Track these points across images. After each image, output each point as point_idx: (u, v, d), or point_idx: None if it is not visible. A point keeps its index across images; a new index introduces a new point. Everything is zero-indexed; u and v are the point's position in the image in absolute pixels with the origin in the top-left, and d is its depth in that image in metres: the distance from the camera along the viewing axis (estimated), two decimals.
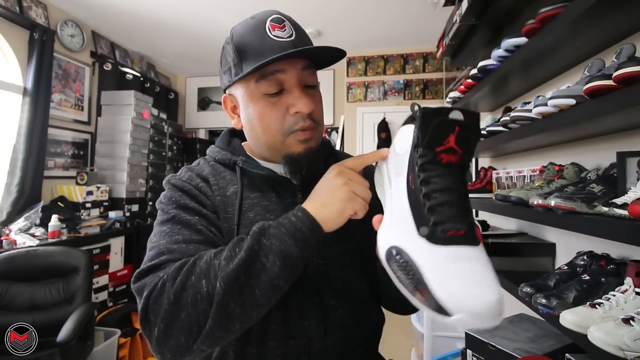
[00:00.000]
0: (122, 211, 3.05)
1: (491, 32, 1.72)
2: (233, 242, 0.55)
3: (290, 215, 0.55)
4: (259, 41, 0.62)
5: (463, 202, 0.43)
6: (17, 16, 2.49)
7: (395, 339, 2.67)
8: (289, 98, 0.64)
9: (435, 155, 0.43)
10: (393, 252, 0.45)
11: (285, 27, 0.64)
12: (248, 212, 0.66)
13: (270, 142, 0.67)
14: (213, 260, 0.52)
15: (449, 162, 0.43)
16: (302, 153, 0.66)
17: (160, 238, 0.59)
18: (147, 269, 0.55)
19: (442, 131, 0.43)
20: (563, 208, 0.89)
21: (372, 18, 3.11)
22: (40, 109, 2.57)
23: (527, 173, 1.55)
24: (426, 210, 0.43)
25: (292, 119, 0.64)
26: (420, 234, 0.42)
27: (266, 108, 0.65)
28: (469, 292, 0.38)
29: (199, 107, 4.58)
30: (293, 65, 0.63)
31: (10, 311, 1.83)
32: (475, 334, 1.31)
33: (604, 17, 0.88)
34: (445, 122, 0.43)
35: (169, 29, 3.30)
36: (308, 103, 0.63)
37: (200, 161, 0.76)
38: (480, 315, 0.38)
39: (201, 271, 0.51)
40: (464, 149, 0.43)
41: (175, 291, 0.50)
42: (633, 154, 0.90)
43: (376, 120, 3.83)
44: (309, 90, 0.67)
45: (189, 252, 0.56)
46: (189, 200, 0.65)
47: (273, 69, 0.62)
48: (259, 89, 0.64)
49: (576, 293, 0.91)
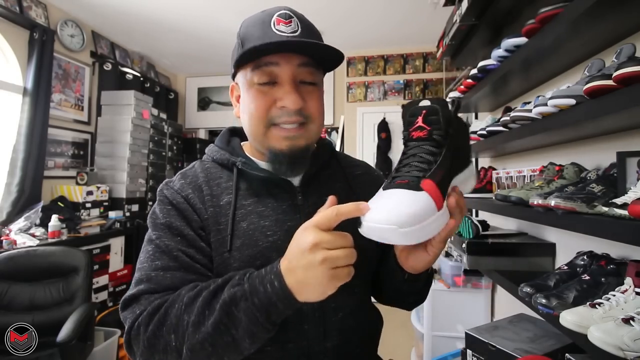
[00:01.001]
0: (122, 211, 3.05)
1: (491, 32, 1.72)
2: (205, 298, 0.54)
3: (267, 282, 0.51)
4: (260, 32, 0.63)
5: (422, 164, 0.53)
6: (17, 16, 2.49)
7: (395, 339, 2.67)
8: (279, 91, 0.64)
9: (409, 133, 0.56)
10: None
11: (291, 23, 0.63)
12: (242, 221, 0.65)
13: (254, 132, 0.67)
14: (183, 316, 0.54)
15: (418, 137, 0.54)
16: (284, 150, 0.65)
17: (144, 260, 0.63)
18: (128, 299, 0.60)
19: (413, 115, 0.55)
20: (563, 208, 0.89)
21: (372, 18, 3.12)
22: (40, 109, 2.57)
23: (527, 173, 1.55)
24: (392, 171, 0.56)
25: (278, 112, 0.64)
26: (382, 188, 0.55)
27: (256, 96, 0.65)
28: (373, 208, 0.50)
29: (199, 107, 4.58)
30: (289, 59, 0.63)
31: (10, 311, 1.82)
32: (475, 334, 1.31)
33: (604, 17, 0.88)
34: (415, 109, 0.56)
35: (169, 29, 3.30)
36: (296, 100, 0.63)
37: (196, 164, 0.74)
38: (372, 228, 0.49)
39: (171, 325, 0.54)
40: (432, 126, 0.54)
41: (148, 338, 0.55)
42: (633, 154, 0.90)
43: (376, 120, 3.83)
44: (305, 86, 0.66)
45: (165, 282, 0.60)
46: (174, 217, 0.65)
47: (267, 60, 0.63)
48: (253, 78, 0.65)
49: (576, 293, 0.91)
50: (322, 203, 0.71)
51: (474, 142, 1.75)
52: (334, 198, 0.54)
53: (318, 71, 0.67)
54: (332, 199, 0.54)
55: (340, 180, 0.77)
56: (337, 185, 0.75)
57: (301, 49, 0.63)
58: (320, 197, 0.71)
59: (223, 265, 0.63)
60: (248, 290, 0.52)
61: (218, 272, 0.63)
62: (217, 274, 0.63)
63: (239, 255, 0.63)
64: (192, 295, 0.55)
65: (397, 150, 3.76)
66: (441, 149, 0.53)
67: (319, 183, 0.73)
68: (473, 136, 1.74)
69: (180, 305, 0.55)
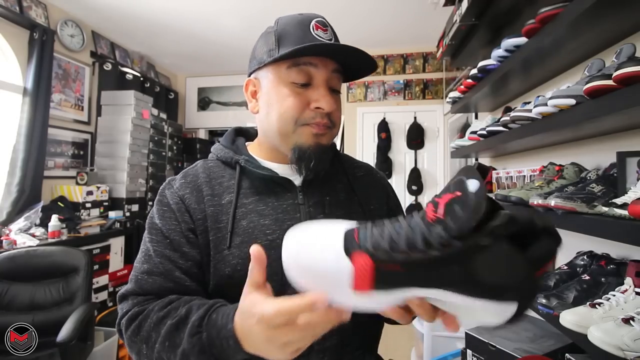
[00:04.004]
0: (122, 211, 3.05)
1: (491, 32, 1.72)
2: (167, 330, 0.56)
3: (222, 338, 0.51)
4: (301, 33, 0.65)
5: (391, 241, 0.42)
6: (17, 16, 2.49)
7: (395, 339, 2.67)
8: (314, 93, 0.66)
9: (436, 200, 0.44)
10: None
11: (328, 31, 0.67)
12: (242, 220, 0.67)
13: (282, 129, 0.68)
14: (151, 332, 0.59)
15: (425, 213, 0.43)
16: (312, 146, 0.67)
17: (137, 260, 0.68)
18: (120, 296, 0.66)
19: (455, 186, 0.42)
20: (563, 208, 0.89)
21: (372, 18, 3.11)
22: (40, 109, 2.57)
23: (527, 173, 1.55)
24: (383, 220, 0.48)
25: (311, 113, 0.66)
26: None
27: (290, 95, 0.66)
28: (298, 230, 0.46)
29: (199, 107, 4.58)
30: (325, 64, 0.66)
31: (10, 311, 1.82)
32: (475, 334, 1.31)
33: (604, 17, 0.88)
34: (459, 182, 0.41)
35: (169, 29, 3.30)
36: (331, 102, 0.66)
37: (199, 164, 0.75)
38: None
39: (143, 337, 0.59)
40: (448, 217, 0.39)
41: (128, 338, 0.61)
42: (633, 154, 0.90)
43: (376, 120, 3.83)
44: (333, 93, 0.68)
45: (146, 286, 0.64)
46: (167, 219, 0.68)
47: (307, 60, 0.65)
48: (289, 75, 0.66)
49: (576, 293, 0.91)
50: (323, 203, 0.72)
51: (473, 142, 1.74)
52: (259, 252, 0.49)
53: (341, 80, 0.71)
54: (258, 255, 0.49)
55: (341, 181, 0.77)
56: (338, 185, 0.76)
57: (343, 54, 0.66)
58: (322, 197, 0.72)
59: (223, 262, 0.65)
60: (206, 342, 0.53)
61: (217, 268, 0.65)
62: (216, 270, 0.65)
63: (238, 252, 0.65)
64: (160, 317, 0.59)
65: (397, 150, 3.76)
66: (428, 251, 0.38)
67: (320, 183, 0.73)
68: (473, 136, 1.74)
69: (150, 323, 0.59)
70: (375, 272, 0.40)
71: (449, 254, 0.38)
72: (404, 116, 3.78)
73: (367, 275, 0.40)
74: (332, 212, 0.71)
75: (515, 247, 0.37)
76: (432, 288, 0.40)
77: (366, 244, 0.41)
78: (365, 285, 0.40)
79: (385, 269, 0.40)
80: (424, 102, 3.79)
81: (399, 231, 0.40)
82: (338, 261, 0.41)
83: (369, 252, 0.40)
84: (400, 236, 0.40)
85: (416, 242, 0.39)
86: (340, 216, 0.73)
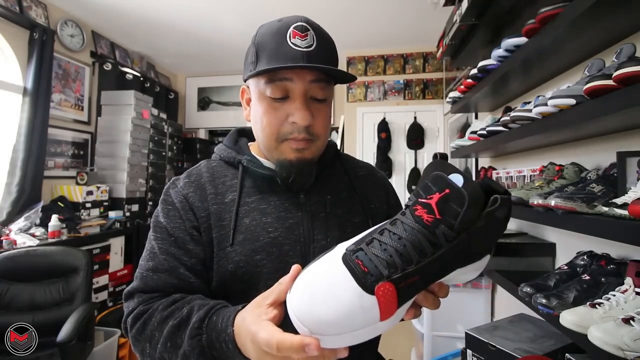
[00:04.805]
0: (122, 211, 3.05)
1: (491, 32, 1.72)
2: (169, 331, 0.57)
3: (222, 342, 0.52)
4: (275, 45, 0.63)
5: (399, 259, 0.42)
6: (17, 16, 2.49)
7: (395, 339, 2.67)
8: (290, 107, 0.65)
9: (414, 202, 0.46)
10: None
11: (307, 36, 0.64)
12: (245, 218, 0.68)
13: (265, 144, 0.69)
14: (155, 332, 0.60)
15: (419, 218, 0.44)
16: (293, 161, 0.67)
17: (143, 257, 0.69)
18: (127, 294, 0.66)
19: (434, 184, 0.44)
20: (563, 208, 0.89)
21: (372, 18, 3.11)
22: (40, 109, 2.57)
23: (527, 173, 1.55)
24: (364, 237, 0.48)
25: (289, 127, 0.66)
26: (343, 249, 0.47)
27: (268, 110, 0.66)
28: (299, 288, 0.44)
29: (199, 107, 4.58)
30: (302, 76, 0.64)
31: (10, 311, 1.82)
32: (475, 334, 1.31)
33: (604, 17, 0.88)
34: (439, 178, 0.45)
35: (169, 29, 3.30)
36: (306, 116, 0.64)
37: (202, 163, 0.77)
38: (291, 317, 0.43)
39: (146, 336, 0.61)
40: (444, 216, 0.42)
41: (133, 337, 0.63)
42: (633, 154, 0.90)
43: (376, 120, 3.83)
44: (315, 103, 0.67)
45: (152, 283, 0.65)
46: (172, 217, 0.69)
47: (282, 75, 0.64)
48: (266, 91, 0.65)
49: (576, 293, 0.91)
50: (324, 202, 0.72)
51: (473, 142, 1.74)
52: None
53: (329, 86, 0.68)
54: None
55: (343, 181, 0.78)
56: (339, 185, 0.77)
57: (317, 70, 0.64)
58: (323, 196, 0.73)
59: (225, 259, 0.66)
60: (206, 345, 0.54)
61: (220, 265, 0.66)
62: (219, 267, 0.66)
63: (240, 249, 0.66)
64: (164, 317, 0.60)
65: (397, 150, 3.76)
66: (437, 250, 0.40)
67: (321, 182, 0.74)
68: (473, 136, 1.74)
69: (154, 322, 0.60)
70: (398, 294, 0.40)
71: (455, 245, 0.40)
72: (404, 116, 3.78)
73: (393, 300, 0.40)
74: (333, 211, 0.72)
75: (500, 219, 0.42)
76: (441, 277, 0.43)
77: (379, 270, 0.40)
78: (391, 311, 0.40)
79: (405, 285, 0.40)
80: (424, 102, 3.79)
81: (402, 242, 0.40)
82: (361, 304, 0.39)
83: (387, 278, 0.40)
84: (406, 248, 0.40)
85: (425, 248, 0.40)
86: (342, 215, 0.74)
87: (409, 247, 0.40)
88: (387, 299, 0.40)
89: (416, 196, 0.42)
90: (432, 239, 0.40)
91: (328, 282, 0.41)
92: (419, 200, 0.42)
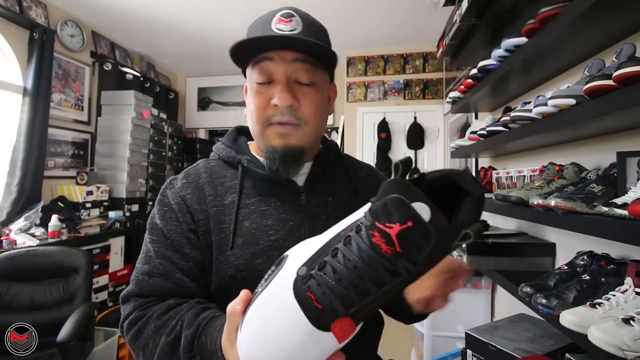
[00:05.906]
0: (122, 211, 3.05)
1: (491, 32, 1.72)
2: (162, 347, 0.56)
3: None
4: (260, 31, 0.65)
5: (355, 292, 0.39)
6: (17, 16, 2.49)
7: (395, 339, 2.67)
8: (273, 90, 0.64)
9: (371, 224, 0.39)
10: None
11: (292, 21, 0.64)
12: (245, 220, 0.66)
13: (254, 131, 0.68)
14: (149, 341, 0.59)
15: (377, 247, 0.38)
16: (277, 147, 0.65)
17: (139, 261, 0.68)
18: (123, 297, 0.66)
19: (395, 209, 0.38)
20: (563, 208, 0.89)
21: (372, 18, 3.11)
22: (40, 109, 2.57)
23: (527, 173, 1.55)
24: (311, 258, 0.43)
25: (271, 110, 0.64)
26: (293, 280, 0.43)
27: (255, 96, 0.66)
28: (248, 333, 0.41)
29: (199, 107, 4.58)
30: (283, 56, 0.63)
31: (10, 311, 1.82)
32: (475, 334, 1.31)
33: (604, 17, 0.88)
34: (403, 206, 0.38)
35: (169, 29, 3.30)
36: (286, 98, 0.63)
37: (200, 163, 0.75)
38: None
39: (140, 344, 0.60)
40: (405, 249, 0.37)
41: (128, 342, 0.63)
42: (633, 154, 0.90)
43: (376, 120, 3.83)
44: (300, 87, 0.65)
45: (147, 287, 0.64)
46: (168, 219, 0.67)
47: (262, 56, 0.63)
48: (253, 76, 0.66)
49: (576, 293, 0.91)
50: (325, 203, 0.71)
51: (473, 142, 1.75)
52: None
53: (317, 69, 0.66)
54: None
55: (344, 182, 0.77)
56: (340, 186, 0.75)
57: (291, 45, 0.63)
58: (324, 197, 0.71)
59: (225, 262, 0.64)
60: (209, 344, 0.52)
61: (220, 269, 0.64)
62: (218, 271, 0.65)
63: (240, 253, 0.64)
64: (158, 326, 0.59)
65: (397, 150, 3.76)
66: (396, 278, 0.36)
67: (322, 184, 0.73)
68: (473, 136, 1.74)
69: (148, 331, 0.60)
70: (356, 322, 0.38)
71: (418, 272, 0.37)
72: (404, 116, 3.78)
73: (350, 330, 0.38)
74: (335, 212, 0.70)
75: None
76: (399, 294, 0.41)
77: (334, 307, 0.36)
78: (350, 335, 0.39)
79: (362, 315, 0.38)
80: (424, 102, 3.79)
81: (357, 272, 0.36)
82: (316, 340, 0.37)
83: (344, 314, 0.37)
84: (363, 280, 0.36)
85: (383, 278, 0.36)
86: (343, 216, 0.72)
87: (366, 280, 0.36)
88: (345, 331, 0.37)
89: (373, 217, 0.36)
90: (392, 268, 0.36)
91: (279, 319, 0.38)
92: (377, 226, 0.35)
